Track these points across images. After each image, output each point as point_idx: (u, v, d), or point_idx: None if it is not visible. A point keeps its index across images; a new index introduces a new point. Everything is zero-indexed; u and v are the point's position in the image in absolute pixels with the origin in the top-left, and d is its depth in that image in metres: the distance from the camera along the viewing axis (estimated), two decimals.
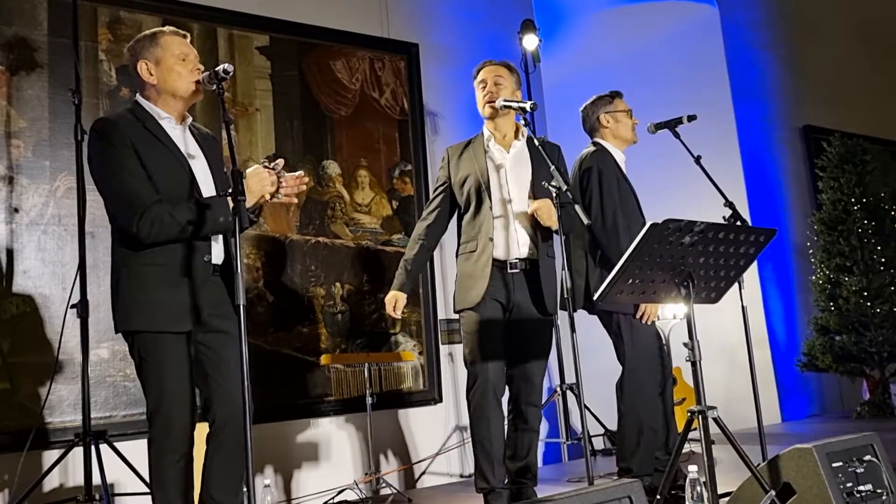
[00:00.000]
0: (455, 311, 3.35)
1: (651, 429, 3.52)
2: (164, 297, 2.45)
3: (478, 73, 3.37)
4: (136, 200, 2.41)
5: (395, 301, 3.30)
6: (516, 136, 3.35)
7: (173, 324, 2.46)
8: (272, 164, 2.50)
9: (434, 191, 3.46)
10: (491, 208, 3.22)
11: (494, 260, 3.19)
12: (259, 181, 2.46)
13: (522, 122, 3.12)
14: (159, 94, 2.56)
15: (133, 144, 2.46)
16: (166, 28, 2.64)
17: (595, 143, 3.75)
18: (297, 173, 2.58)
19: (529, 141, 3.32)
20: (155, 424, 2.46)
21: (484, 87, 3.30)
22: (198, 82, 2.56)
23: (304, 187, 2.61)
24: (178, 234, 2.42)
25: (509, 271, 3.20)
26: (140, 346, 2.48)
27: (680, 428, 3.75)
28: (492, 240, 3.19)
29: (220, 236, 2.59)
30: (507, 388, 3.28)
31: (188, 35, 2.65)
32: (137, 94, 2.62)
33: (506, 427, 3.24)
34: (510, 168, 3.28)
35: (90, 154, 2.54)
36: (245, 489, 2.46)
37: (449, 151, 3.44)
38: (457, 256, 3.36)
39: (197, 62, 2.59)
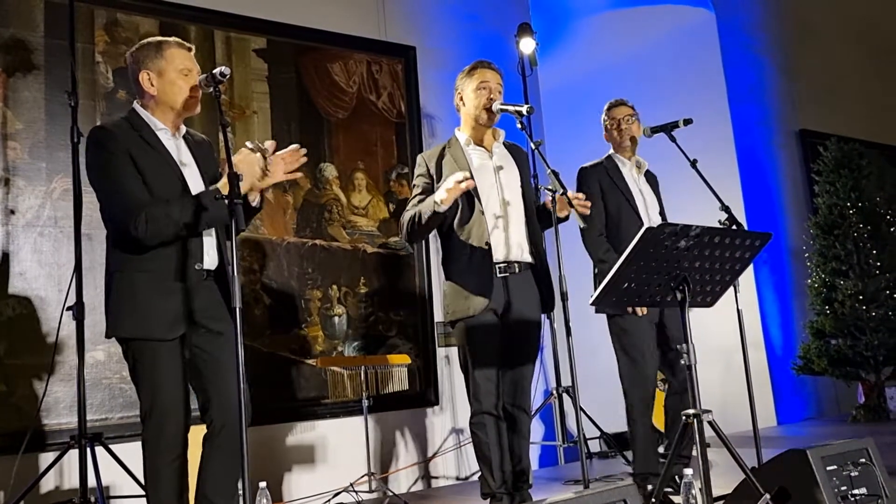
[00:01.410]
0: (449, 322, 3.25)
1: (644, 426, 3.55)
2: (156, 303, 2.46)
3: (473, 72, 3.27)
4: (132, 204, 2.43)
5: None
6: (495, 139, 3.33)
7: (165, 330, 2.47)
8: (261, 146, 2.49)
9: (416, 195, 3.28)
10: (483, 212, 3.16)
11: (493, 263, 3.14)
12: (247, 165, 2.45)
13: (519, 125, 3.11)
14: (157, 105, 2.58)
15: (129, 151, 2.48)
16: (171, 39, 2.64)
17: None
18: (292, 146, 2.55)
19: (507, 145, 3.34)
20: (148, 426, 2.48)
21: (487, 91, 3.23)
22: (192, 94, 2.58)
23: (304, 159, 2.58)
24: (174, 229, 2.44)
25: (501, 275, 3.14)
26: (134, 351, 2.50)
27: None
28: (489, 244, 3.14)
29: (214, 241, 2.60)
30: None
31: (192, 48, 2.66)
32: (135, 102, 2.63)
33: (503, 433, 3.22)
34: (504, 170, 3.28)
35: (88, 161, 2.56)
36: (240, 491, 2.46)
37: (424, 157, 3.33)
38: (445, 264, 3.25)
39: (199, 77, 2.59)
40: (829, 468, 2.55)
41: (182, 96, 2.56)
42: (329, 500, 4.04)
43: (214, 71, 2.45)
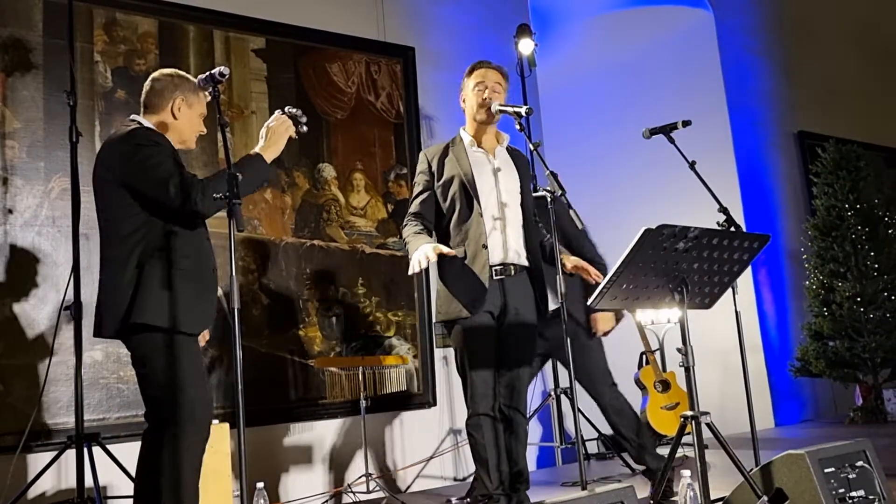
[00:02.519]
0: (442, 322, 3.21)
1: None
2: (189, 298, 2.53)
3: (473, 72, 3.25)
4: (188, 182, 2.52)
5: (431, 250, 2.96)
6: (498, 142, 3.33)
7: (197, 326, 2.55)
8: (296, 113, 2.73)
9: (418, 193, 3.25)
10: (482, 214, 3.14)
11: (489, 267, 3.12)
12: (282, 123, 2.69)
13: (518, 127, 3.10)
14: (168, 129, 2.73)
15: (173, 154, 2.64)
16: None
17: None
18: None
19: (509, 150, 3.32)
20: (183, 423, 2.47)
21: (482, 89, 3.20)
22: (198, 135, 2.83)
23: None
24: (223, 199, 2.49)
25: (496, 277, 3.12)
26: (162, 343, 2.48)
27: (673, 433, 3.77)
28: (485, 247, 3.11)
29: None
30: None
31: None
32: (141, 118, 2.71)
33: (500, 435, 3.22)
34: (503, 172, 3.27)
35: (138, 156, 2.56)
36: (237, 491, 2.46)
37: (427, 154, 3.30)
38: (439, 263, 3.16)
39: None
40: (826, 470, 2.56)
41: (195, 133, 2.80)
42: (327, 501, 4.04)
43: (213, 71, 2.51)
